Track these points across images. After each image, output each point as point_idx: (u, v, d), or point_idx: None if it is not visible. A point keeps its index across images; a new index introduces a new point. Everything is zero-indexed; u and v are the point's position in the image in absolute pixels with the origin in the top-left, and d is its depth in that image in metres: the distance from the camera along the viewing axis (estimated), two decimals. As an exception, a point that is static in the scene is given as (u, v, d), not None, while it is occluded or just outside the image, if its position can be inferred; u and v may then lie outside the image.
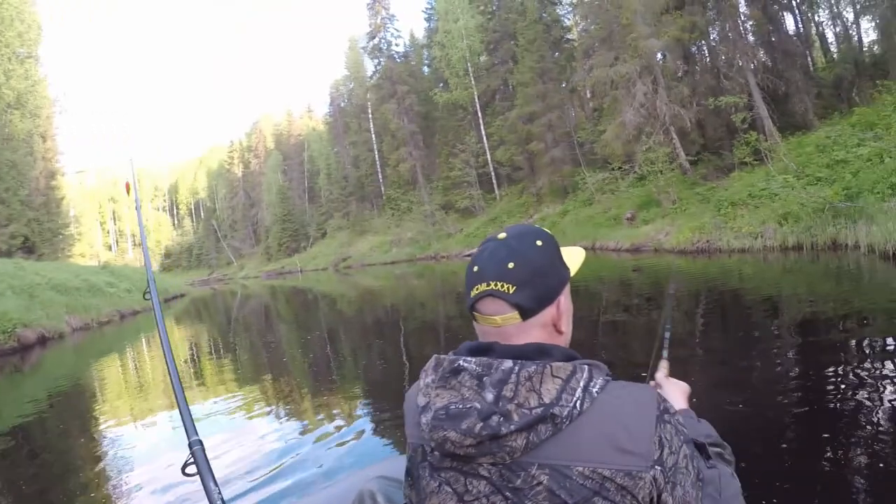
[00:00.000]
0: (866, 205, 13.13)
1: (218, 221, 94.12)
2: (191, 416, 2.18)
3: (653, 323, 8.62)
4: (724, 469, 1.28)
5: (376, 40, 54.04)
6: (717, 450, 1.36)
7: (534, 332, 1.13)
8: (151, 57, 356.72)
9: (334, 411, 5.85)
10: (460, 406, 1.04)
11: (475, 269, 1.15)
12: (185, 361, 11.07)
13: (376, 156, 59.85)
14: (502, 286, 1.10)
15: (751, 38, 24.47)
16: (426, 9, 53.93)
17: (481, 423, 1.00)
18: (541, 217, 36.33)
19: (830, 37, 30.21)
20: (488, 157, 45.66)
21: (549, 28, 39.74)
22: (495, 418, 1.00)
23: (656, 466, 1.00)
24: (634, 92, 23.91)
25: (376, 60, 55.25)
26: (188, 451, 2.00)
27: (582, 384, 1.02)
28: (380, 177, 60.11)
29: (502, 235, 1.18)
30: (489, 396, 1.02)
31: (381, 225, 55.15)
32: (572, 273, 1.23)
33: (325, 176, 70.75)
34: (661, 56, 25.33)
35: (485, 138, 45.84)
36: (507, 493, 1.01)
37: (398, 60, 54.50)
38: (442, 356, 1.14)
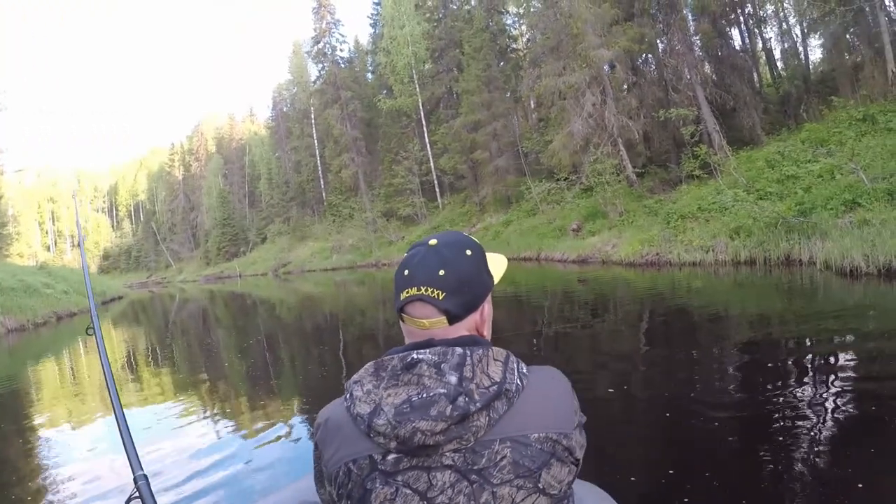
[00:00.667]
0: (820, 221, 12.91)
1: (157, 224, 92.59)
2: (135, 448, 2.04)
3: (597, 335, 9.03)
4: None
5: (321, 45, 52.95)
6: None
7: (460, 334, 1.19)
8: (94, 55, 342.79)
9: (274, 422, 5.72)
10: (424, 395, 1.07)
11: (406, 272, 1.19)
12: (122, 367, 10.76)
13: (318, 161, 58.77)
14: (432, 292, 1.15)
15: (699, 51, 24.37)
16: (371, 15, 53.33)
17: (451, 406, 1.05)
18: (484, 226, 35.77)
19: (777, 53, 30.64)
20: (431, 165, 44.99)
21: (495, 37, 39.37)
22: (462, 399, 1.06)
23: (577, 427, 1.16)
24: (583, 102, 23.58)
25: (320, 65, 54.27)
26: (132, 484, 1.90)
27: (517, 366, 1.14)
28: (321, 183, 58.99)
29: (433, 242, 1.22)
30: (452, 379, 1.08)
31: (321, 231, 54.04)
32: (495, 281, 1.29)
33: (266, 181, 69.48)
34: (610, 67, 25.04)
35: (428, 146, 45.18)
36: (473, 476, 1.07)
37: (342, 66, 53.68)
38: (383, 359, 1.15)
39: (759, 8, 28.80)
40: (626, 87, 25.66)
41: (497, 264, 1.33)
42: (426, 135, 45.43)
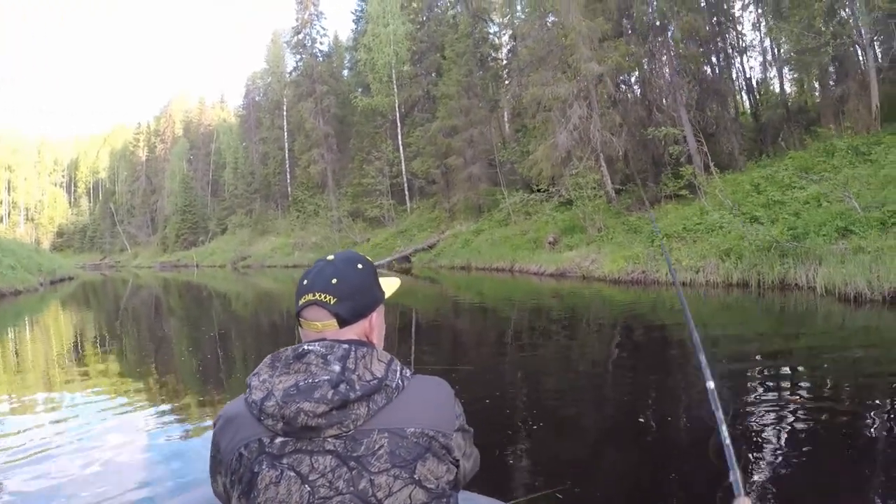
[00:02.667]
0: (814, 246, 12.83)
1: (116, 205, 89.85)
2: None
3: (563, 351, 8.92)
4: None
5: (301, 35, 52.13)
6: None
7: (349, 338, 1.32)
8: (61, 20, 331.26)
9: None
10: (310, 380, 1.20)
11: (305, 282, 1.34)
12: (67, 353, 10.55)
13: (286, 155, 57.62)
14: (325, 297, 1.31)
15: (685, 74, 24.38)
16: (355, 10, 52.50)
17: (332, 390, 1.18)
18: (453, 233, 35.28)
19: (754, 83, 30.89)
20: (403, 167, 44.38)
21: (477, 44, 39.08)
22: (343, 386, 1.19)
23: (459, 430, 1.30)
24: (570, 114, 23.32)
25: (298, 56, 53.40)
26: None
27: (399, 368, 1.29)
28: (288, 177, 57.90)
29: (331, 258, 1.39)
30: (336, 368, 1.22)
31: (284, 226, 52.97)
32: (387, 296, 1.45)
33: (232, 170, 68.07)
34: (595, 82, 24.85)
35: (401, 148, 44.58)
36: (352, 463, 1.18)
37: (321, 59, 52.79)
38: (278, 352, 1.29)
39: (740, 38, 29.11)
40: (610, 103, 25.46)
41: (389, 284, 1.52)
42: (400, 136, 44.84)
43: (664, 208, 21.75)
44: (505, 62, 43.46)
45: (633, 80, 28.95)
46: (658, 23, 24.31)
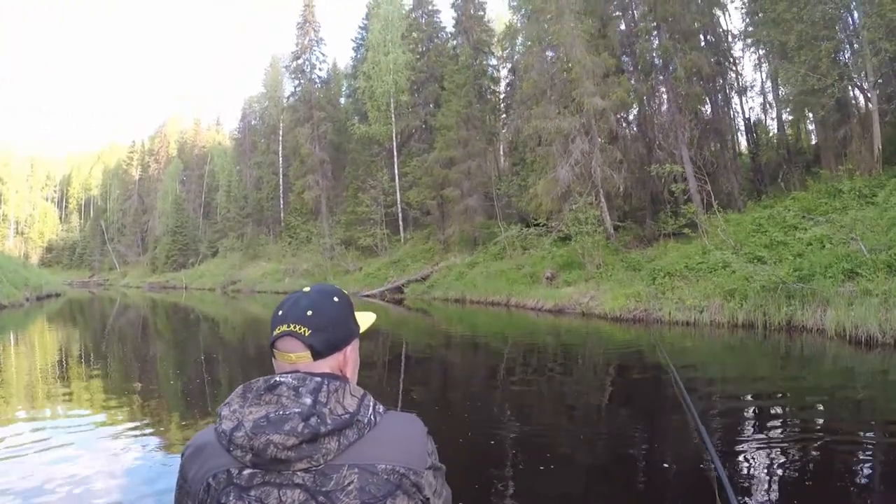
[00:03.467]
0: (821, 288, 12.63)
1: (107, 223, 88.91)
2: None
3: (558, 387, 8.75)
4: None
5: (300, 61, 52.22)
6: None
7: (322, 371, 1.30)
8: (61, 22, 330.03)
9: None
10: (280, 412, 1.18)
11: (280, 312, 1.34)
12: (50, 371, 10.39)
13: (280, 180, 57.43)
14: (299, 328, 1.29)
15: (686, 112, 24.40)
16: (355, 38, 52.53)
17: (303, 423, 1.17)
18: (447, 265, 34.88)
19: (752, 123, 30.97)
20: (398, 197, 44.17)
21: (476, 76, 39.21)
22: (314, 419, 1.18)
23: (430, 469, 1.28)
24: (572, 149, 23.21)
25: (297, 81, 53.33)
26: None
27: (372, 403, 1.28)
28: (281, 202, 57.68)
29: (307, 289, 1.39)
30: (307, 401, 1.20)
31: (275, 252, 52.36)
32: (361, 330, 1.44)
33: (225, 193, 67.64)
34: (596, 118, 24.83)
35: (397, 178, 44.42)
36: (321, 498, 1.17)
37: (319, 85, 52.83)
38: (250, 382, 1.27)
39: (739, 77, 29.26)
40: (610, 139, 25.44)
41: (365, 318, 1.50)
42: (396, 165, 44.71)
43: (663, 246, 21.60)
44: (503, 95, 43.60)
45: (631, 117, 29.06)
46: (660, 61, 24.37)
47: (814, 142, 29.21)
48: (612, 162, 24.24)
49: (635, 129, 28.06)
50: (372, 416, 1.25)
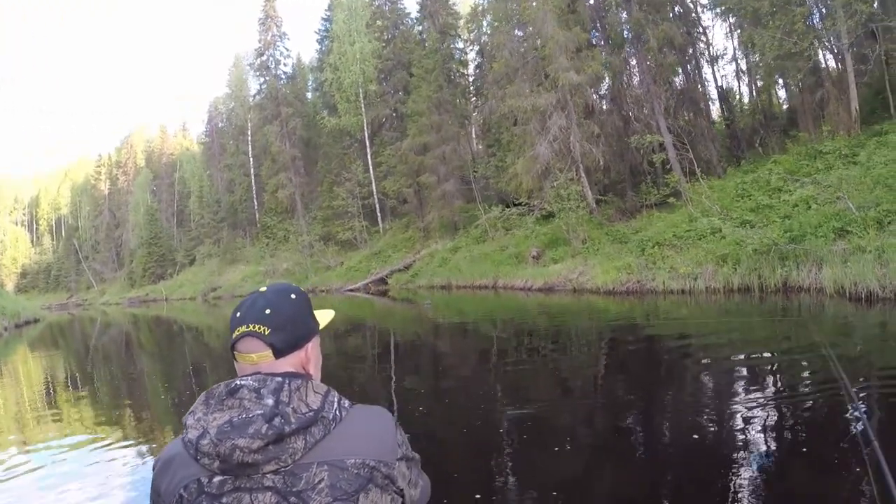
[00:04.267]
0: (815, 247, 12.65)
1: (80, 241, 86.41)
2: None
3: (552, 365, 8.72)
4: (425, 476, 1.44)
5: (264, 57, 51.38)
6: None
7: (285, 369, 1.28)
8: (23, 49, 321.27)
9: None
10: (244, 416, 1.17)
11: (238, 314, 1.31)
12: (38, 398, 10.14)
13: (252, 180, 56.54)
14: (259, 328, 1.27)
15: (662, 83, 24.36)
16: (319, 30, 51.77)
17: (267, 425, 1.14)
18: (429, 252, 34.70)
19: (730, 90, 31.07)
20: (373, 187, 43.79)
21: (445, 61, 38.88)
22: (277, 420, 1.16)
23: (402, 459, 1.27)
24: (549, 125, 23.03)
25: (262, 79, 52.48)
26: None
27: (337, 399, 1.26)
28: (255, 203, 56.85)
29: (263, 289, 1.36)
30: (269, 402, 1.18)
31: (253, 254, 51.54)
32: (321, 327, 1.43)
33: (197, 199, 66.44)
34: (572, 93, 24.70)
35: (371, 168, 44.00)
36: (292, 499, 1.15)
37: (285, 81, 52.11)
38: (212, 388, 1.25)
39: (710, 46, 29.28)
40: (586, 113, 25.32)
41: (324, 316, 1.47)
42: (369, 156, 44.29)
43: (647, 217, 21.60)
44: (472, 78, 43.30)
45: (603, 90, 28.97)
46: (632, 33, 24.26)
47: (785, 107, 29.42)
48: (590, 136, 24.13)
49: (610, 102, 27.93)
50: (337, 412, 1.24)
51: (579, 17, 24.69)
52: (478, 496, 3.98)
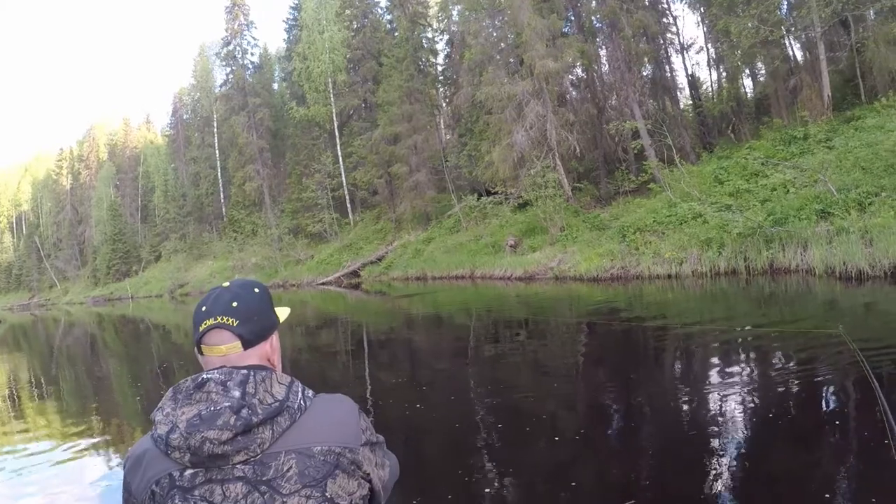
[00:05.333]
0: (799, 229, 12.80)
1: (41, 239, 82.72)
2: None
3: (531, 355, 8.62)
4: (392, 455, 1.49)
5: (231, 46, 50.24)
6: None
7: (252, 361, 1.31)
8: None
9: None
10: (212, 408, 1.18)
11: (203, 308, 1.33)
12: (2, 399, 10.10)
13: (219, 173, 55.42)
14: (227, 319, 1.30)
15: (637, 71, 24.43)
16: (287, 20, 50.84)
17: (234, 416, 1.17)
18: (402, 244, 34.44)
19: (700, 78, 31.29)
20: (343, 179, 43.27)
21: (415, 49, 38.55)
22: (245, 411, 1.18)
23: (366, 444, 1.31)
24: (526, 112, 22.91)
25: (228, 69, 51.26)
26: None
27: (301, 389, 1.30)
28: (221, 196, 55.76)
29: (226, 284, 1.39)
30: (236, 394, 1.20)
31: (221, 249, 50.49)
32: (280, 321, 1.45)
33: (162, 193, 64.70)
34: (546, 81, 24.62)
35: (341, 159, 43.48)
36: (263, 488, 1.18)
37: (252, 71, 51.16)
38: (179, 383, 1.26)
39: (680, 35, 29.48)
40: (560, 101, 25.30)
41: (281, 311, 1.49)
42: (339, 147, 43.75)
43: (624, 204, 21.65)
44: (442, 67, 43.02)
45: (575, 78, 28.96)
46: (605, 21, 24.27)
47: (750, 95, 29.75)
48: (565, 124, 24.10)
49: (584, 90, 27.96)
50: (302, 401, 1.26)
51: (554, 4, 24.61)
52: (457, 487, 3.97)
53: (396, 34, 38.24)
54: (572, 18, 26.51)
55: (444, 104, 42.15)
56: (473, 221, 29.06)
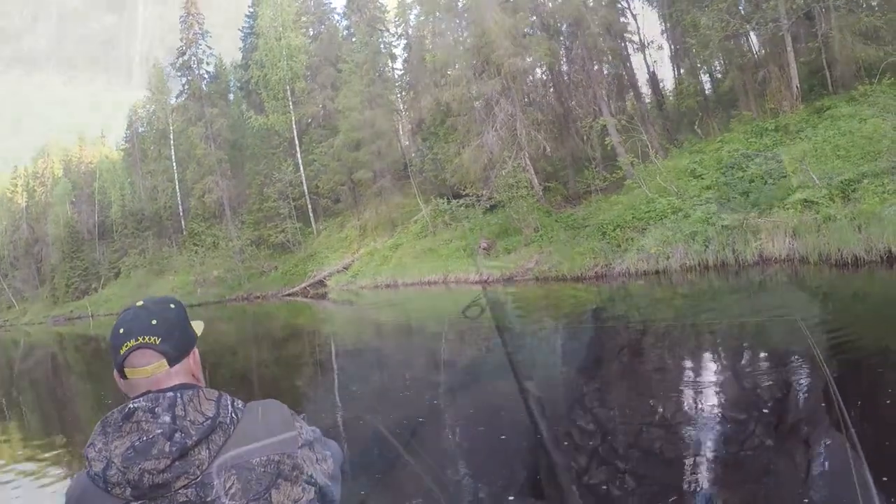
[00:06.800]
0: (785, 219, 12.78)
1: (-3, 259, 79.96)
2: None
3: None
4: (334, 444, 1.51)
5: (186, 56, 48.93)
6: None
7: (178, 378, 1.28)
8: None
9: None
10: (144, 438, 1.15)
11: (121, 330, 1.27)
12: None
13: (177, 186, 53.92)
14: (149, 339, 1.25)
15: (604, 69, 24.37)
16: (243, 28, 49.86)
17: (168, 442, 1.14)
18: (368, 252, 33.81)
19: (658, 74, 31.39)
20: (305, 187, 42.44)
21: (374, 54, 38.07)
22: (178, 435, 1.15)
23: (304, 446, 1.28)
24: (497, 111, 22.59)
25: (184, 79, 49.92)
26: None
27: (230, 401, 1.26)
28: (180, 209, 54.22)
29: (140, 303, 1.34)
30: (167, 419, 1.17)
31: (182, 263, 49.20)
32: (197, 335, 1.41)
33: (119, 208, 62.64)
34: (514, 78, 24.37)
35: (301, 167, 42.65)
36: None
37: (208, 80, 49.97)
38: (106, 416, 1.22)
39: (641, 32, 29.57)
40: (528, 101, 25.08)
41: (196, 325, 1.43)
42: (299, 155, 42.89)
43: (595, 202, 21.45)
44: (401, 72, 42.60)
45: (542, 76, 28.79)
46: (568, 22, 24.15)
47: (709, 90, 29.93)
48: (534, 123, 23.87)
49: (549, 89, 27.80)
50: (233, 414, 1.23)
51: (518, 4, 24.38)
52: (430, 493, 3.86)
53: (354, 39, 37.70)
54: (534, 18, 26.33)
55: (402, 108, 41.75)
56: (442, 225, 28.61)
